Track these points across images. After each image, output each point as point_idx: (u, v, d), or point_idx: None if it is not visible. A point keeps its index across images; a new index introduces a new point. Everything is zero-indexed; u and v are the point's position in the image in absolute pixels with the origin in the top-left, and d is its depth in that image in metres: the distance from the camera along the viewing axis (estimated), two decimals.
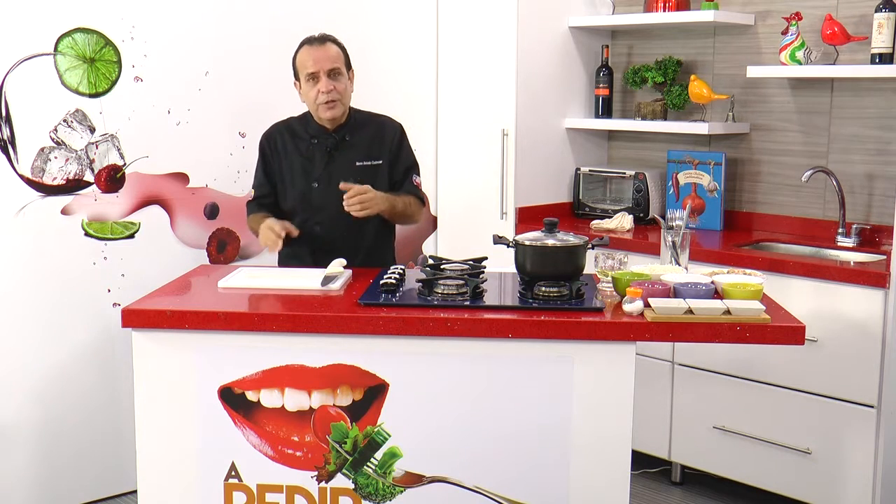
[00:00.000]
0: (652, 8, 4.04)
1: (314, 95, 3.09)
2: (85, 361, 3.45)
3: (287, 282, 2.77)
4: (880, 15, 3.40)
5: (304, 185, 3.17)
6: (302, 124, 3.22)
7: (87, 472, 3.49)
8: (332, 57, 3.10)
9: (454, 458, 2.49)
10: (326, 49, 3.11)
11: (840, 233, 3.62)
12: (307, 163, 3.18)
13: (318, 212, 3.16)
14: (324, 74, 3.07)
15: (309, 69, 3.09)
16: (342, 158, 3.17)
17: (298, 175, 3.18)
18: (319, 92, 3.07)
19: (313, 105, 3.12)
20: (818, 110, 3.74)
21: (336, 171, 3.14)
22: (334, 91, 3.08)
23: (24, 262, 3.29)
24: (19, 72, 3.22)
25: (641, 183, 4.06)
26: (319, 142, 3.17)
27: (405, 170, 3.25)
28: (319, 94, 3.07)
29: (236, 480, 2.52)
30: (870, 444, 3.14)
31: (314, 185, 3.16)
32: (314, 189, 3.16)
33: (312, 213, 3.16)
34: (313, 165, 3.17)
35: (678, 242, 2.83)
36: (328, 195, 3.12)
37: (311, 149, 3.18)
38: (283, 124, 3.27)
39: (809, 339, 3.06)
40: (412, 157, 3.29)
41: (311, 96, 3.10)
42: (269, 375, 2.48)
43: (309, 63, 3.09)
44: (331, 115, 3.11)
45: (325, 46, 3.12)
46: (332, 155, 3.16)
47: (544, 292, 2.55)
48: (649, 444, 3.68)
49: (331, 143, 3.16)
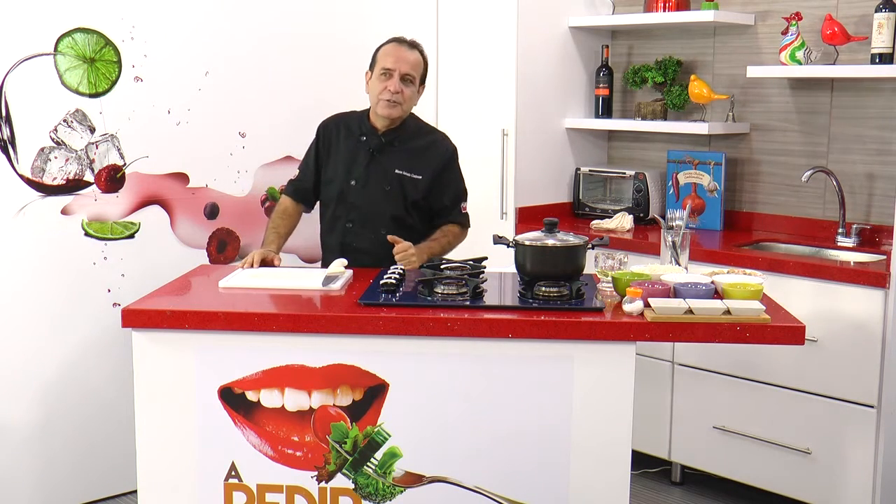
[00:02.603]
0: (652, 8, 4.04)
1: (380, 89, 3.08)
2: (85, 362, 3.45)
3: (287, 282, 2.77)
4: (880, 15, 3.40)
5: (343, 180, 3.16)
6: (357, 121, 3.22)
7: (87, 472, 3.49)
8: (412, 63, 3.11)
9: (454, 458, 2.49)
10: (412, 54, 3.13)
11: (840, 233, 3.62)
12: (350, 159, 3.17)
13: (351, 209, 3.16)
14: (398, 75, 3.08)
15: (387, 65, 3.08)
16: (384, 162, 3.15)
17: (341, 169, 3.17)
18: (386, 89, 3.07)
19: (375, 98, 3.11)
20: (818, 110, 3.74)
21: (374, 174, 3.14)
22: (400, 94, 3.08)
23: (24, 262, 3.29)
24: (19, 72, 3.22)
25: (641, 183, 4.06)
26: (367, 140, 3.16)
27: (455, 197, 3.23)
28: (385, 91, 3.07)
29: (236, 480, 2.52)
30: (870, 444, 3.14)
31: (352, 182, 3.15)
32: (351, 187, 3.15)
33: (346, 210, 3.16)
34: (355, 163, 3.16)
35: (678, 242, 2.83)
36: (364, 195, 3.13)
37: (358, 146, 3.17)
38: (341, 116, 3.27)
39: (809, 339, 3.06)
40: (462, 183, 3.26)
41: (376, 89, 3.10)
42: (269, 375, 2.48)
43: (390, 60, 3.09)
44: (388, 113, 3.10)
45: (413, 51, 3.13)
46: (374, 156, 3.15)
47: (544, 292, 2.55)
48: (649, 444, 3.68)
49: (375, 145, 3.15)
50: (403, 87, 3.09)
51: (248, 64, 3.76)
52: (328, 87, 3.89)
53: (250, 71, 3.76)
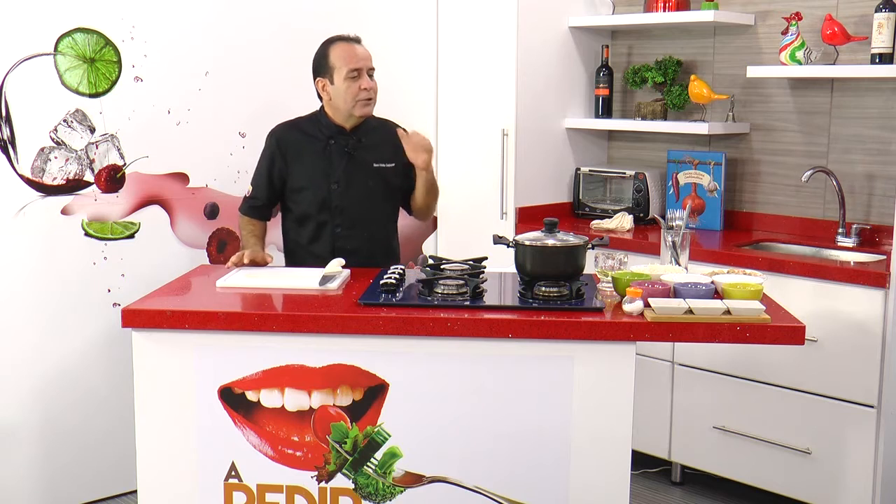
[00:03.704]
0: (652, 8, 4.04)
1: (355, 92, 3.07)
2: (85, 361, 3.45)
3: (285, 281, 2.77)
4: (880, 15, 3.40)
5: (323, 187, 3.13)
6: (313, 124, 3.18)
7: (87, 472, 3.49)
8: (369, 57, 3.13)
9: (454, 458, 2.49)
10: (364, 48, 3.14)
11: (840, 233, 3.62)
12: (326, 164, 3.13)
13: (338, 213, 3.14)
14: (366, 72, 3.08)
15: (353, 65, 3.07)
16: (360, 159, 3.14)
17: (318, 177, 3.13)
18: (361, 88, 3.06)
19: (350, 101, 3.08)
20: (818, 110, 3.74)
21: (355, 173, 3.13)
22: (373, 90, 3.09)
23: (24, 262, 3.29)
24: (19, 72, 3.22)
25: (641, 183, 4.06)
26: (337, 142, 3.14)
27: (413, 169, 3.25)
28: (361, 91, 3.07)
29: (236, 480, 2.52)
30: (870, 444, 3.14)
31: (333, 186, 3.12)
32: (333, 191, 3.12)
33: (332, 215, 3.14)
34: (332, 167, 3.13)
35: (678, 242, 2.83)
36: (347, 196, 3.12)
37: (329, 149, 3.14)
38: (290, 124, 3.22)
39: (809, 339, 3.06)
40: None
41: (350, 92, 3.07)
42: (269, 375, 2.48)
43: (352, 60, 3.08)
44: (366, 112, 3.11)
45: (362, 46, 3.14)
46: (350, 156, 3.14)
47: (544, 292, 2.55)
48: (649, 444, 3.68)
49: (350, 144, 3.14)
50: (372, 82, 3.10)
51: (249, 64, 3.75)
52: None
53: (250, 71, 3.76)
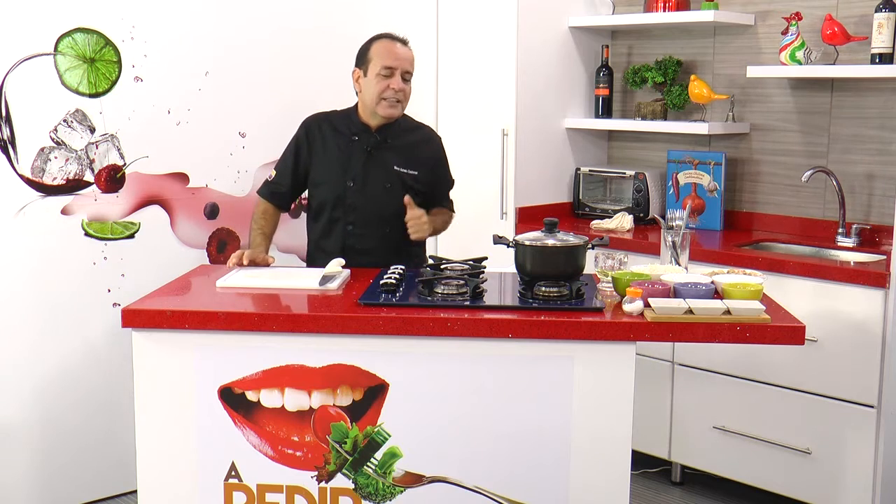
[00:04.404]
0: (652, 8, 4.04)
1: (382, 89, 3.03)
2: (85, 362, 3.45)
3: (285, 281, 2.77)
4: (880, 15, 3.40)
5: (339, 183, 3.11)
6: (344, 120, 3.17)
7: (87, 472, 3.49)
8: (411, 59, 3.09)
9: (454, 458, 2.49)
10: (408, 50, 3.10)
11: (840, 233, 3.62)
12: (345, 160, 3.12)
13: (351, 211, 3.11)
14: (399, 73, 3.05)
15: (388, 63, 3.03)
16: (381, 160, 3.12)
17: (335, 171, 3.12)
18: (390, 87, 3.03)
19: (376, 98, 3.05)
20: (818, 110, 3.74)
21: (373, 173, 3.11)
22: (403, 92, 3.06)
23: (24, 262, 3.29)
24: (19, 72, 3.22)
25: (641, 183, 4.06)
26: (360, 140, 3.12)
27: (447, 187, 3.31)
28: (388, 90, 3.03)
29: (236, 480, 2.52)
30: (870, 444, 3.14)
31: (349, 183, 3.10)
32: (349, 188, 3.10)
33: (345, 212, 3.12)
34: (351, 163, 3.11)
35: (678, 242, 2.83)
36: (363, 195, 3.10)
37: (351, 146, 3.12)
38: (323, 116, 3.21)
39: (809, 339, 3.06)
40: (450, 174, 3.33)
41: (377, 89, 3.04)
42: (269, 375, 2.48)
43: (390, 58, 3.04)
44: (391, 113, 3.07)
45: (407, 48, 3.10)
46: (371, 154, 3.11)
47: (544, 292, 2.55)
48: (649, 444, 3.68)
49: (371, 143, 3.11)
50: (405, 85, 3.07)
51: (249, 64, 3.76)
52: (328, 87, 3.87)
53: (250, 71, 3.76)
